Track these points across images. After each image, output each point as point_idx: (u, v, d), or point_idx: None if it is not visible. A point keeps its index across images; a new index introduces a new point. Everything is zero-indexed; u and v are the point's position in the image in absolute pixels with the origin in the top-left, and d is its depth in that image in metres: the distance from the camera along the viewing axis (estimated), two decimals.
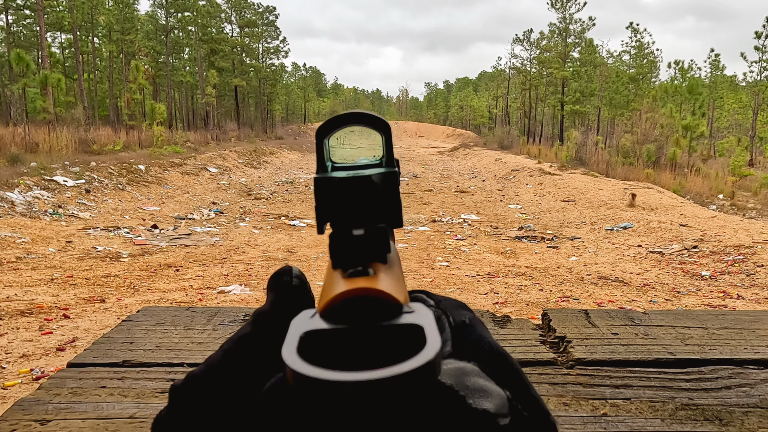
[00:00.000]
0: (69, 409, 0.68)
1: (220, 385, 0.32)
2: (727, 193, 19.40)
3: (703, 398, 0.75)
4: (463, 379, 0.27)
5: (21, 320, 4.66)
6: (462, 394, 0.26)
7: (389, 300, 0.27)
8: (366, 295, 0.26)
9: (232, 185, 17.17)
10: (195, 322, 0.99)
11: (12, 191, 10.42)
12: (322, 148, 0.34)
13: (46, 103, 20.08)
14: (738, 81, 52.78)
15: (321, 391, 0.22)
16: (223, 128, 39.17)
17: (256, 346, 0.33)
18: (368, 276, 0.28)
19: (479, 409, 0.26)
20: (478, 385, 0.27)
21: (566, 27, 42.30)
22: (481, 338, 0.33)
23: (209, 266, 7.06)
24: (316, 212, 0.32)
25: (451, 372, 0.27)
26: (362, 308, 0.26)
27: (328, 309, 0.27)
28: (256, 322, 0.34)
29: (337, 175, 0.32)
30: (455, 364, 0.29)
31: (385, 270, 0.30)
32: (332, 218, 0.32)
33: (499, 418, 0.27)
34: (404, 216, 0.35)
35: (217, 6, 46.58)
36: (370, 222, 0.31)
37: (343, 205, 0.32)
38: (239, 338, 0.34)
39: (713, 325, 1.03)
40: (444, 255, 8.32)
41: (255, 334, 0.33)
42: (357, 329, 0.25)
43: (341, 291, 0.27)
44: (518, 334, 0.98)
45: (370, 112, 0.34)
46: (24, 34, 39.64)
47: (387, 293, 0.27)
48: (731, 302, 6.11)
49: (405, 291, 0.30)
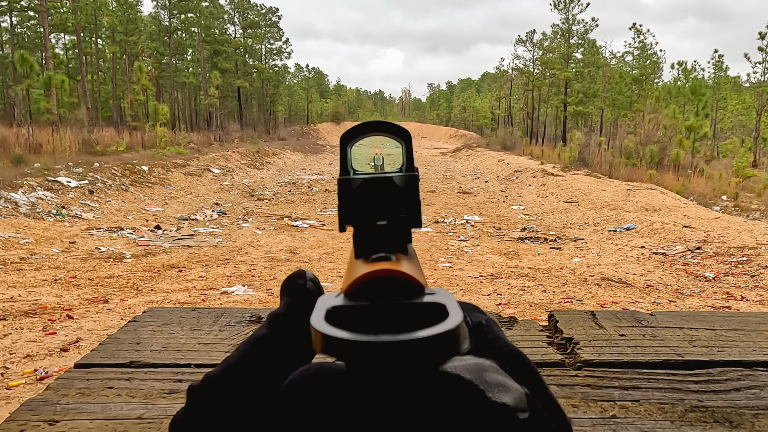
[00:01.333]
0: (77, 409, 0.68)
1: (238, 385, 0.33)
2: (730, 195, 19.34)
3: (713, 400, 0.74)
4: (482, 374, 0.28)
5: (25, 321, 4.67)
6: (481, 388, 0.27)
7: (411, 281, 0.28)
8: (389, 275, 0.27)
9: (235, 186, 17.19)
10: (201, 322, 0.99)
11: (16, 192, 10.44)
12: (345, 154, 0.36)
13: (50, 104, 20.13)
14: (741, 82, 52.66)
15: (348, 351, 0.23)
16: (226, 129, 39.22)
17: (272, 347, 0.34)
18: (390, 261, 0.29)
19: (498, 403, 0.27)
20: (496, 381, 0.28)
21: (569, 28, 42.24)
22: (497, 338, 0.35)
23: (212, 267, 7.06)
24: (339, 211, 0.34)
25: (470, 367, 0.28)
26: (386, 288, 0.27)
27: (352, 289, 0.28)
28: (272, 325, 0.34)
29: (359, 176, 0.34)
30: (474, 360, 0.29)
31: (406, 258, 0.31)
32: (354, 217, 0.33)
33: (518, 412, 0.27)
34: None
35: (220, 7, 46.63)
36: (392, 216, 0.33)
37: (366, 204, 0.33)
38: (255, 340, 0.34)
39: (720, 327, 1.02)
40: (447, 256, 8.32)
41: (271, 336, 0.34)
42: (380, 306, 0.26)
43: (365, 272, 0.28)
44: (525, 336, 0.98)
45: (392, 122, 0.36)
46: (28, 35, 39.74)
47: (409, 275, 0.28)
48: (735, 304, 6.09)
49: (424, 278, 0.31)
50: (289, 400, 0.29)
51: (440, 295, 0.27)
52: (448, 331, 0.23)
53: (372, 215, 0.33)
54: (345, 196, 0.34)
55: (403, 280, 0.28)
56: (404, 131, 0.36)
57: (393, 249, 0.31)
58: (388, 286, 0.27)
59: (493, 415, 0.26)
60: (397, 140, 0.37)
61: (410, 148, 0.36)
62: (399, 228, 0.32)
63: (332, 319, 0.25)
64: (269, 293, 5.81)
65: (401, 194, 0.34)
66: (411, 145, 0.36)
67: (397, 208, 0.33)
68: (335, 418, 0.26)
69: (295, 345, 0.28)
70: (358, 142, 0.38)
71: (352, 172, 0.37)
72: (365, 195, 0.34)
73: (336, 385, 0.27)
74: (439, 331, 0.23)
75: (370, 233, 0.31)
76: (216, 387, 0.33)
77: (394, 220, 0.32)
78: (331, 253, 8.08)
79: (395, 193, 0.34)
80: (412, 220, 0.33)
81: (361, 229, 0.32)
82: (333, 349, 0.23)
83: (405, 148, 0.37)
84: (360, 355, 0.23)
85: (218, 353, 0.86)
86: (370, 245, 0.31)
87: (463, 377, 0.27)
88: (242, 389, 0.33)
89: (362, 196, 0.34)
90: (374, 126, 0.36)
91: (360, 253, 0.31)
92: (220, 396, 0.32)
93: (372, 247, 0.31)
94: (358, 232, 0.32)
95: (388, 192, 0.34)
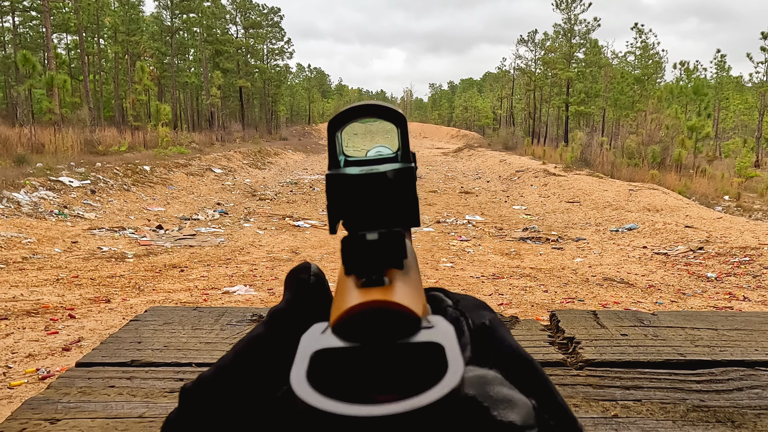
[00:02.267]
0: (78, 408, 0.68)
1: (231, 387, 0.31)
2: (732, 195, 19.32)
3: (715, 400, 0.74)
4: (486, 389, 0.26)
5: (27, 320, 4.68)
6: (486, 405, 0.25)
7: (406, 313, 0.25)
8: (381, 307, 0.25)
9: (237, 186, 17.21)
10: (203, 322, 0.99)
11: (18, 192, 10.47)
12: (334, 142, 0.32)
13: (52, 104, 20.17)
14: (744, 82, 52.57)
15: (333, 425, 0.20)
16: (228, 129, 39.27)
17: (270, 347, 0.31)
18: (383, 286, 0.26)
19: (505, 422, 0.24)
20: (502, 395, 0.26)
21: (571, 28, 42.22)
22: (502, 341, 0.32)
23: (214, 267, 7.07)
24: (328, 211, 0.31)
25: (473, 381, 0.26)
26: (377, 322, 0.25)
27: (340, 323, 0.25)
28: (271, 322, 0.32)
29: (350, 172, 0.31)
30: (476, 371, 0.27)
31: (402, 277, 0.28)
32: (345, 217, 0.30)
33: (526, 430, 0.25)
34: None
35: (222, 7, 46.69)
36: (386, 224, 0.30)
37: (357, 203, 0.30)
38: (251, 339, 0.32)
39: (723, 327, 1.02)
40: (448, 256, 8.32)
41: (269, 334, 0.32)
42: (371, 347, 0.24)
43: (354, 304, 0.25)
44: (527, 335, 0.97)
45: (384, 104, 0.32)
46: (30, 35, 39.85)
47: (404, 306, 0.25)
48: (737, 304, 6.08)
49: (423, 300, 0.28)
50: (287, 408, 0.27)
51: (438, 328, 0.24)
52: (446, 395, 0.20)
53: (363, 221, 0.30)
54: (333, 194, 0.30)
55: (397, 312, 0.25)
56: (399, 114, 0.32)
57: (386, 264, 0.28)
58: (380, 319, 0.25)
59: None
60: (391, 125, 0.33)
61: (405, 134, 0.33)
62: (393, 241, 0.28)
63: (318, 368, 0.23)
64: (271, 293, 5.81)
65: (396, 191, 0.30)
66: (406, 130, 0.33)
67: (391, 209, 0.30)
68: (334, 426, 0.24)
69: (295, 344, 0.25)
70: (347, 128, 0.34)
71: (343, 160, 0.34)
72: (355, 196, 0.30)
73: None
74: (431, 399, 0.20)
75: (360, 247, 0.28)
76: (208, 388, 0.31)
77: (388, 232, 0.28)
78: (333, 252, 8.09)
79: (389, 191, 0.30)
80: (409, 220, 0.30)
81: (350, 241, 0.28)
82: (313, 422, 0.20)
83: (400, 134, 0.33)
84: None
85: (219, 352, 0.86)
86: (360, 262, 0.28)
87: (466, 393, 0.24)
88: (235, 391, 0.31)
89: (352, 196, 0.30)
90: (365, 109, 0.32)
91: (350, 269, 0.28)
92: (212, 398, 0.31)
93: (362, 263, 0.27)
94: (346, 246, 0.28)
95: (382, 190, 0.30)
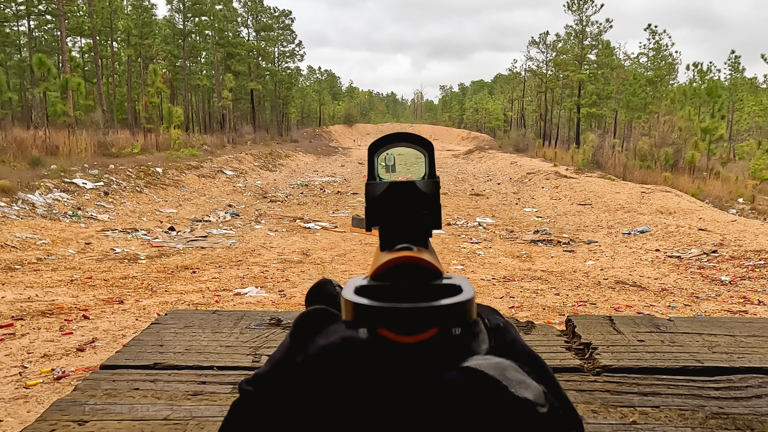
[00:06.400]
0: (105, 410, 0.70)
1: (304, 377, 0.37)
2: (747, 197, 19.09)
3: (734, 407, 0.74)
4: (504, 372, 0.31)
5: (42, 320, 4.73)
6: (504, 384, 0.30)
7: (431, 268, 0.31)
8: (411, 261, 0.31)
9: (248, 188, 17.28)
10: (222, 325, 1.00)
11: (33, 193, 10.59)
12: (373, 162, 0.41)
13: (66, 106, 20.39)
14: (758, 83, 51.99)
15: (373, 316, 0.26)
16: (239, 131, 39.46)
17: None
18: (412, 250, 0.33)
19: (521, 398, 0.30)
20: (517, 378, 0.31)
21: (582, 29, 41.98)
22: (515, 340, 0.37)
23: (225, 268, 7.11)
24: (366, 213, 0.38)
25: (493, 365, 0.31)
26: (407, 272, 0.31)
27: (377, 273, 0.31)
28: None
29: (385, 180, 0.38)
30: (496, 359, 0.32)
31: (426, 250, 0.35)
32: (381, 217, 0.37)
33: (538, 406, 0.30)
34: None
35: (233, 10, 46.95)
36: (413, 223, 0.36)
37: (391, 205, 0.37)
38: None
39: (740, 333, 1.02)
40: (459, 258, 8.30)
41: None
42: (402, 286, 0.30)
43: (389, 258, 0.31)
44: (543, 340, 0.98)
45: (416, 134, 0.40)
46: (45, 39, 40.32)
47: (429, 261, 0.31)
48: (752, 308, 6.01)
49: (442, 266, 0.34)
50: (314, 369, 0.32)
51: (456, 279, 0.31)
52: (461, 302, 0.27)
53: (397, 214, 0.37)
54: (372, 198, 0.38)
55: (423, 267, 0.31)
56: (427, 143, 0.40)
57: (415, 242, 0.35)
58: (410, 270, 0.31)
59: (517, 409, 0.29)
60: (421, 150, 0.41)
61: (432, 158, 0.40)
62: (421, 224, 0.36)
63: (360, 295, 0.29)
64: (282, 295, 5.84)
65: (423, 197, 0.38)
66: (433, 156, 0.40)
67: (419, 208, 0.37)
68: (358, 388, 0.31)
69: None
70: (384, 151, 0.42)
71: (378, 178, 0.41)
72: (391, 197, 0.37)
73: (359, 354, 0.31)
74: (453, 301, 0.27)
75: (394, 228, 0.35)
76: (275, 378, 0.36)
77: (417, 218, 0.36)
78: (343, 255, 8.10)
79: (418, 196, 0.37)
80: (432, 220, 0.37)
81: (386, 225, 0.36)
82: (360, 316, 0.27)
83: (428, 158, 0.40)
84: (383, 320, 0.27)
85: (239, 355, 0.87)
86: (394, 238, 0.35)
87: (488, 374, 0.30)
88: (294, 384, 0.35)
89: (388, 198, 0.37)
90: (400, 137, 0.40)
91: (385, 246, 0.34)
92: (278, 388, 0.36)
93: (396, 240, 0.35)
94: (383, 228, 0.36)
95: (411, 195, 0.37)
